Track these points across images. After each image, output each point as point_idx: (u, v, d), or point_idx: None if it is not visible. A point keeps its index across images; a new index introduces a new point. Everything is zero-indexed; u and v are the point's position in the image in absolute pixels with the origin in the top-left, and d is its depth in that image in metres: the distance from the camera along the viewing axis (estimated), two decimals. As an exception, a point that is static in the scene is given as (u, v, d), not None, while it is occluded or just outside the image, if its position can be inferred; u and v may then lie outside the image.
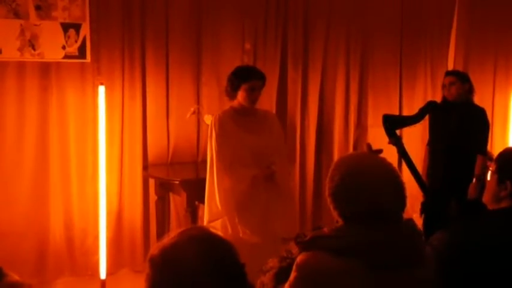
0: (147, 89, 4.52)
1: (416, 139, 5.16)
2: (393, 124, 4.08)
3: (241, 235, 3.34)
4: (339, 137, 5.17)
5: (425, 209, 4.18)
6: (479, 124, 4.28)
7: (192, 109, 4.43)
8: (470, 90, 4.34)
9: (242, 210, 3.37)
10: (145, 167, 4.52)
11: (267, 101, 4.74)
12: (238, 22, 4.74)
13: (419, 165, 4.37)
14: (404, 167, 4.58)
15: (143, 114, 4.52)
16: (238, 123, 3.43)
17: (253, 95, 3.38)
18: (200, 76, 4.70)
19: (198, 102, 4.65)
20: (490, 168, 2.06)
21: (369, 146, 1.96)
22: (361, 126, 5.27)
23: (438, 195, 4.09)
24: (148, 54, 4.50)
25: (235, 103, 3.45)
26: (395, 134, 4.00)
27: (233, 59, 4.62)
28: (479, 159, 4.19)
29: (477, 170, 4.18)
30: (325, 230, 1.68)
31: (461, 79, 4.30)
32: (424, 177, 4.14)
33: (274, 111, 4.81)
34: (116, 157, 4.44)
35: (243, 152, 3.40)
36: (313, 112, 5.08)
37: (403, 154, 3.97)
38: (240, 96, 3.39)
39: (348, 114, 5.20)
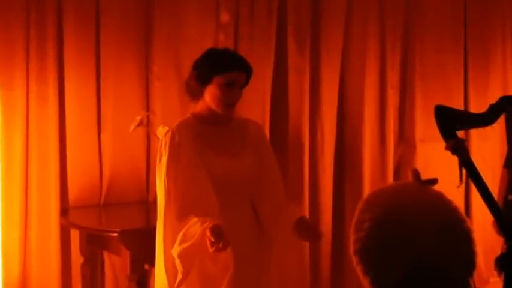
0: (67, 87, 4.59)
1: (492, 155, 5.20)
2: (451, 121, 4.10)
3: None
4: (370, 159, 5.25)
5: (506, 262, 4.22)
6: None
7: (139, 118, 4.46)
8: None
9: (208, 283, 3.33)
10: (64, 211, 4.55)
11: (257, 103, 4.80)
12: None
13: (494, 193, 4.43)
14: (475, 207, 4.61)
15: (60, 126, 4.57)
16: (205, 139, 3.45)
17: (231, 94, 3.38)
18: (150, 65, 4.77)
19: (148, 107, 4.69)
20: None
21: (416, 174, 1.97)
22: (405, 142, 5.33)
23: None
24: (68, 32, 4.58)
25: (199, 107, 3.45)
26: (456, 134, 4.02)
27: (202, 38, 4.69)
28: None
29: None
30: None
31: None
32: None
33: (267, 119, 4.86)
34: (17, 194, 4.48)
35: (210, 188, 3.37)
36: (329, 120, 5.14)
37: (467, 166, 3.99)
38: (210, 95, 3.38)
39: (384, 122, 5.28)
